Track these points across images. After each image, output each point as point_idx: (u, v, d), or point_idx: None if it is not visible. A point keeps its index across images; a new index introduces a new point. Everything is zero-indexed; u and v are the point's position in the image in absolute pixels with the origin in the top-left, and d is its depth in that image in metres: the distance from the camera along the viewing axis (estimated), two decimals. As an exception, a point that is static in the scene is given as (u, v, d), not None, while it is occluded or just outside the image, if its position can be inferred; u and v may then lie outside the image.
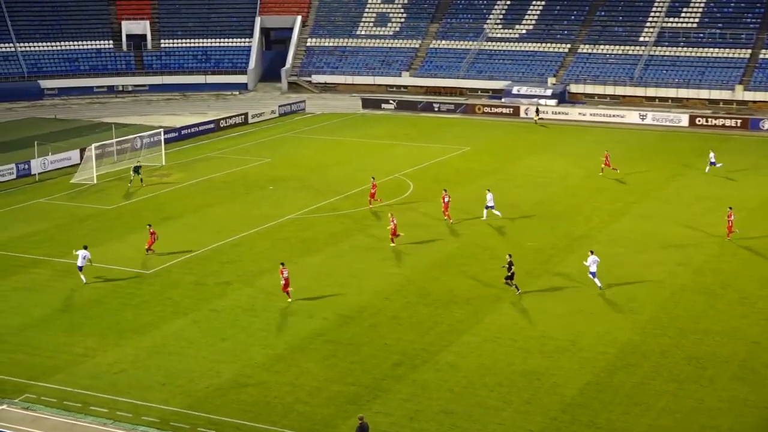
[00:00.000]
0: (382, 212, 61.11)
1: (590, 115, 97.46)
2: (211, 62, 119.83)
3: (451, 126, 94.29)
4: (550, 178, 70.83)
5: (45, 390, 37.11)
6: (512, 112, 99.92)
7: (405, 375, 38.26)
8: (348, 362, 39.48)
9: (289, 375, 38.36)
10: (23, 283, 49.20)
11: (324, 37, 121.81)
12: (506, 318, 43.98)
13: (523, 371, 38.45)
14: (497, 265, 50.90)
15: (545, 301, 45.99)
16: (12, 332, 42.86)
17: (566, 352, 40.18)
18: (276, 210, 62.31)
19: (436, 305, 45.64)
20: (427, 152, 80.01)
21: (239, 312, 45.10)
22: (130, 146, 77.96)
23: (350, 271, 50.65)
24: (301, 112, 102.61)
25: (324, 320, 43.92)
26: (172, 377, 38.19)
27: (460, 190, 67.01)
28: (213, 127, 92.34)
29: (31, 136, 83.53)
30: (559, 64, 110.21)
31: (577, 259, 51.90)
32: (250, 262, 52.27)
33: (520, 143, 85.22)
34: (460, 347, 40.83)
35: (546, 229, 57.78)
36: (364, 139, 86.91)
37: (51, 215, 62.06)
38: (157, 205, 64.29)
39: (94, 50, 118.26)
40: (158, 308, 45.65)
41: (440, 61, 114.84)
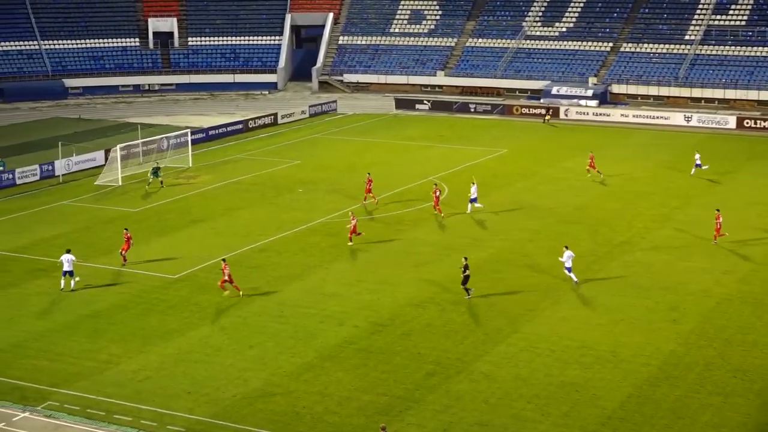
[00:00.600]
0: (426, 216, 61.18)
1: (633, 116, 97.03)
2: (239, 61, 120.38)
3: (488, 127, 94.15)
4: (591, 182, 70.53)
5: (68, 397, 37.39)
6: (551, 113, 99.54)
7: (438, 385, 38.24)
8: (379, 371, 39.52)
9: (318, 384, 38.44)
10: (46, 288, 49.61)
11: (356, 35, 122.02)
12: (544, 327, 43.85)
13: (561, 383, 38.32)
14: (534, 272, 50.83)
15: (585, 310, 45.83)
16: (35, 338, 43.23)
17: (607, 363, 40.01)
18: (305, 214, 62.48)
19: (471, 313, 45.59)
20: (463, 155, 79.93)
21: (267, 319, 45.25)
22: (156, 147, 78.43)
23: (382, 277, 50.69)
24: (332, 113, 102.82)
25: (355, 328, 43.99)
26: (198, 385, 38.38)
27: (496, 193, 66.91)
28: (241, 128, 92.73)
29: (55, 137, 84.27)
30: (600, 63, 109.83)
31: (619, 266, 51.79)
32: (279, 267, 52.43)
33: (560, 145, 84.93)
34: (495, 357, 40.76)
35: (585, 235, 57.57)
36: (397, 141, 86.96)
37: (75, 218, 62.55)
38: (184, 208, 64.65)
39: (120, 48, 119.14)
40: (184, 314, 45.89)
41: (477, 60, 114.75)
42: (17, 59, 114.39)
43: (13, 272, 52.13)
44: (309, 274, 51.18)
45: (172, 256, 54.35)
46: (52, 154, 77.09)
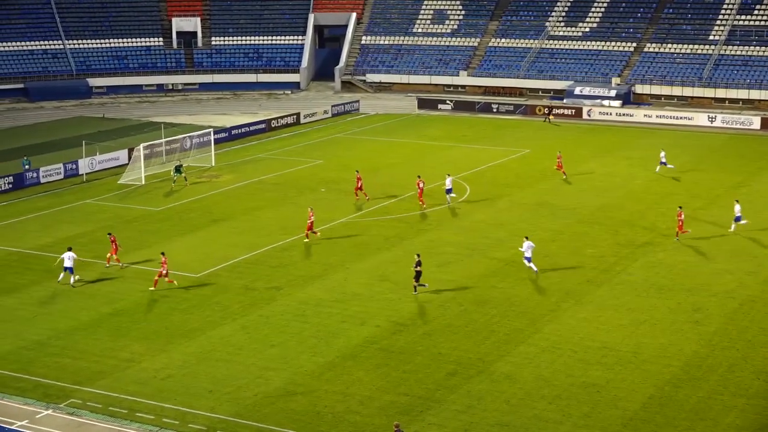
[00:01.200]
0: (448, 216, 61.20)
1: (656, 117, 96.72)
2: (262, 60, 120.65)
3: (511, 128, 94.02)
4: (614, 183, 70.36)
5: (90, 395, 37.58)
6: (574, 113, 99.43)
7: (459, 385, 38.22)
8: (401, 371, 39.52)
9: (339, 384, 38.48)
10: (69, 286, 49.80)
11: (379, 35, 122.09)
12: (566, 328, 43.75)
13: (582, 383, 38.23)
14: (556, 272, 50.71)
15: (607, 311, 45.69)
16: (58, 336, 43.46)
17: (628, 364, 39.89)
18: (328, 213, 62.53)
19: (492, 313, 45.54)
20: (485, 155, 79.83)
21: (289, 318, 45.33)
22: (179, 146, 78.68)
23: (404, 277, 50.63)
24: (354, 113, 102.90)
25: (376, 327, 44.01)
26: (220, 384, 38.49)
27: (518, 194, 66.83)
28: (264, 128, 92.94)
29: (79, 136, 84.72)
30: (623, 63, 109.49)
31: (641, 267, 51.62)
32: (301, 266, 52.51)
33: (583, 146, 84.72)
34: (517, 357, 40.70)
35: (608, 236, 57.41)
36: (419, 141, 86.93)
37: (98, 216, 62.83)
38: (206, 207, 64.84)
39: (144, 48, 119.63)
40: (206, 313, 46.03)
41: (499, 60, 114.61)
42: (42, 59, 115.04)
43: (36, 270, 52.40)
44: (331, 273, 51.24)
45: (194, 255, 54.52)
46: (76, 153, 77.46)
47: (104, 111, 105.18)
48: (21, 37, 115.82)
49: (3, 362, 40.64)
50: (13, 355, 41.34)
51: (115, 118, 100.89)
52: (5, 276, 51.55)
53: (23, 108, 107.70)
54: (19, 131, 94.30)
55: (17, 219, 61.81)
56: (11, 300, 47.96)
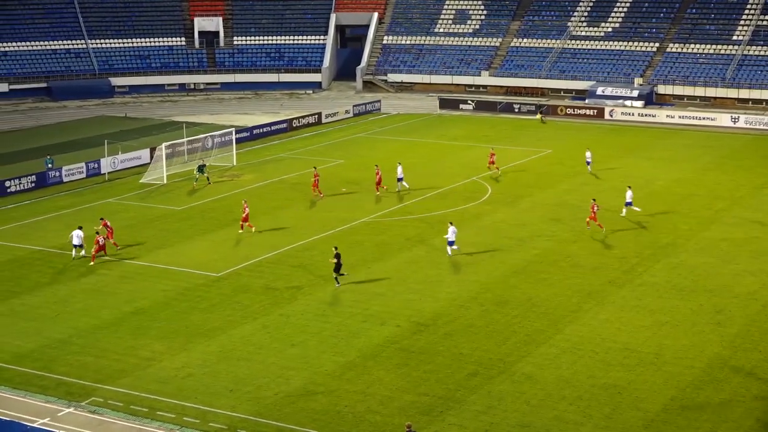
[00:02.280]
0: (469, 216, 61.17)
1: (679, 117, 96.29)
2: (284, 60, 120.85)
3: (533, 128, 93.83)
4: (635, 183, 70.04)
5: (112, 393, 37.73)
6: (596, 113, 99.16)
7: (480, 386, 38.18)
8: (421, 371, 39.52)
9: (360, 383, 38.50)
10: (92, 285, 50.09)
11: (401, 35, 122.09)
12: (587, 328, 43.64)
13: (604, 384, 38.13)
14: (577, 273, 50.61)
15: (628, 312, 45.55)
16: (80, 334, 43.66)
17: (650, 366, 39.76)
18: (349, 213, 62.58)
19: (513, 314, 45.47)
20: (507, 155, 79.67)
21: (310, 317, 45.39)
22: (201, 146, 78.88)
23: (425, 276, 50.68)
24: (376, 112, 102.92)
25: (397, 327, 44.01)
26: (241, 383, 38.58)
27: (540, 195, 66.72)
28: (285, 127, 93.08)
29: (101, 135, 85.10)
30: (646, 63, 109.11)
31: (663, 268, 51.45)
32: (322, 266, 52.53)
33: (605, 146, 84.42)
34: (538, 358, 40.63)
35: (630, 237, 57.22)
36: (440, 141, 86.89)
37: (120, 216, 63.05)
38: (227, 207, 64.99)
39: (166, 47, 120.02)
40: (227, 312, 46.14)
41: (521, 60, 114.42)
42: (65, 58, 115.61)
43: (58, 269, 52.68)
44: (352, 273, 51.23)
45: (215, 254, 54.66)
46: (98, 152, 77.79)
47: (126, 110, 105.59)
48: (44, 36, 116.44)
49: (26, 360, 40.87)
50: (36, 354, 41.57)
51: (137, 117, 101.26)
52: (28, 275, 51.83)
53: (46, 107, 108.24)
54: (42, 130, 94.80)
55: (40, 218, 62.12)
56: (34, 299, 48.21)
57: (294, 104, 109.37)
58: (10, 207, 66.02)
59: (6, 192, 68.85)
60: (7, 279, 51.19)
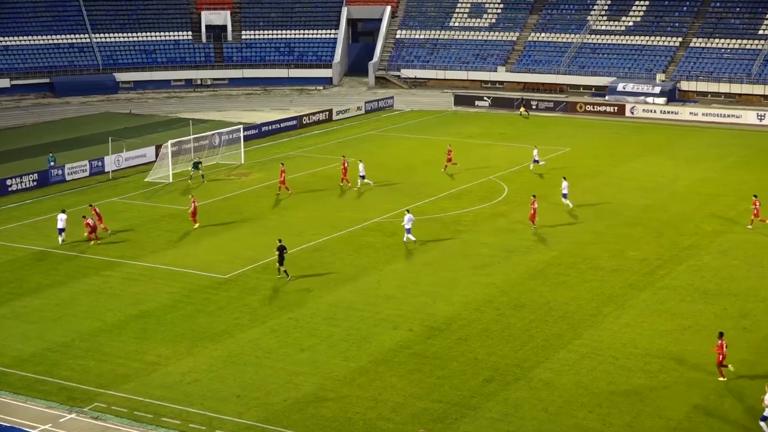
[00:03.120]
0: (485, 217, 61.10)
1: (702, 114, 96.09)
2: (294, 55, 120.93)
3: (551, 125, 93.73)
4: (658, 183, 69.97)
5: (115, 399, 37.79)
6: (617, 111, 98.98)
7: (496, 392, 38.12)
8: (435, 377, 39.48)
9: (371, 389, 38.48)
10: (95, 286, 50.18)
11: (414, 29, 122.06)
12: (607, 333, 43.55)
13: (624, 391, 38.03)
14: (597, 276, 50.51)
15: (650, 316, 45.43)
16: (82, 337, 43.73)
17: (672, 372, 39.65)
18: (360, 213, 62.59)
19: (530, 318, 45.40)
20: (524, 153, 79.54)
21: (320, 321, 45.39)
22: (208, 143, 78.96)
23: (438, 279, 50.64)
24: (388, 109, 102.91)
25: (410, 332, 43.97)
26: (248, 389, 38.59)
27: (558, 194, 66.53)
28: (295, 124, 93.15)
29: (105, 132, 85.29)
30: (669, 59, 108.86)
31: (686, 271, 51.33)
32: (332, 268, 52.55)
33: (626, 144, 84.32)
34: (556, 364, 40.55)
35: (651, 238, 57.11)
36: (455, 139, 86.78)
37: (124, 215, 63.17)
38: (235, 206, 65.05)
39: (172, 42, 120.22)
40: (234, 315, 46.17)
41: (539, 56, 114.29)
42: (68, 52, 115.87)
43: (61, 270, 52.80)
44: (363, 275, 51.26)
45: (222, 255, 54.71)
46: (102, 150, 77.96)
47: (131, 107, 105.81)
48: (47, 30, 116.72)
49: (27, 364, 40.96)
50: (38, 357, 41.66)
51: (142, 114, 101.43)
52: (30, 276, 51.95)
53: (49, 103, 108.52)
54: (44, 127, 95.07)
55: (42, 217, 62.24)
56: (36, 301, 48.32)
57: (304, 101, 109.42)
58: (12, 206, 66.19)
59: (7, 190, 69.03)
60: (8, 280, 51.32)
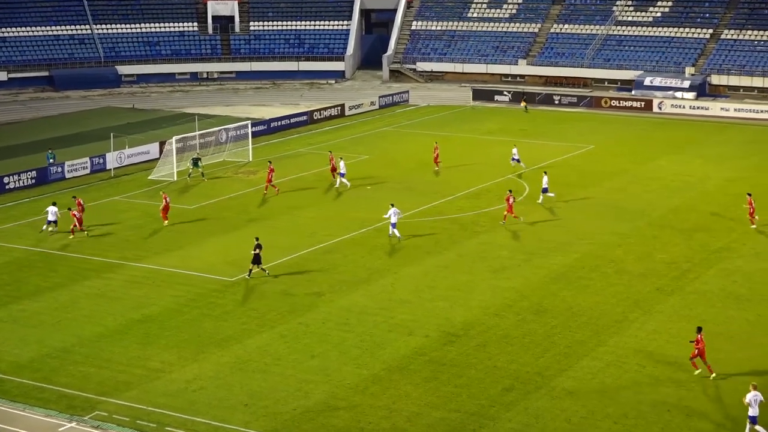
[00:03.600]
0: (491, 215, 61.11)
1: (734, 110, 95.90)
2: (304, 47, 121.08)
3: (574, 121, 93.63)
4: (687, 182, 69.84)
5: (117, 407, 37.85)
6: (644, 106, 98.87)
7: (516, 402, 38.09)
8: (452, 386, 39.47)
9: (385, 398, 38.49)
10: (96, 289, 50.28)
11: (431, 20, 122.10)
12: (633, 340, 43.47)
13: (652, 401, 37.96)
14: (622, 280, 50.43)
15: (678, 322, 45.33)
16: (83, 343, 43.83)
17: (702, 381, 39.54)
18: (374, 213, 62.54)
19: (552, 324, 45.35)
20: (546, 151, 79.51)
21: (331, 326, 45.41)
22: (214, 139, 79.08)
23: (456, 283, 50.62)
24: (403, 104, 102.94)
25: (426, 338, 43.97)
26: (256, 397, 38.63)
27: (582, 194, 66.53)
28: (306, 120, 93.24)
29: (107, 128, 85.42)
30: (698, 51, 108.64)
31: (717, 275, 51.19)
32: (344, 270, 52.58)
33: (653, 142, 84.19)
34: (579, 372, 40.50)
35: (680, 240, 57.00)
36: (474, 135, 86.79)
37: (126, 215, 63.31)
38: (242, 206, 65.15)
39: (177, 33, 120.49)
40: (242, 320, 46.22)
41: (562, 48, 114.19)
42: (68, 44, 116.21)
43: (60, 272, 52.93)
44: (377, 278, 51.28)
45: (229, 257, 54.77)
46: (104, 146, 78.15)
47: (134, 101, 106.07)
48: (46, 21, 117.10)
49: (25, 371, 41.05)
50: (36, 364, 41.75)
51: (146, 108, 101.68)
52: (28, 278, 52.10)
53: (48, 97, 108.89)
54: (43, 122, 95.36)
55: (41, 217, 62.36)
56: (34, 304, 48.44)
57: (315, 95, 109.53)
58: (9, 205, 66.42)
59: (4, 189, 69.28)
60: (6, 282, 51.46)
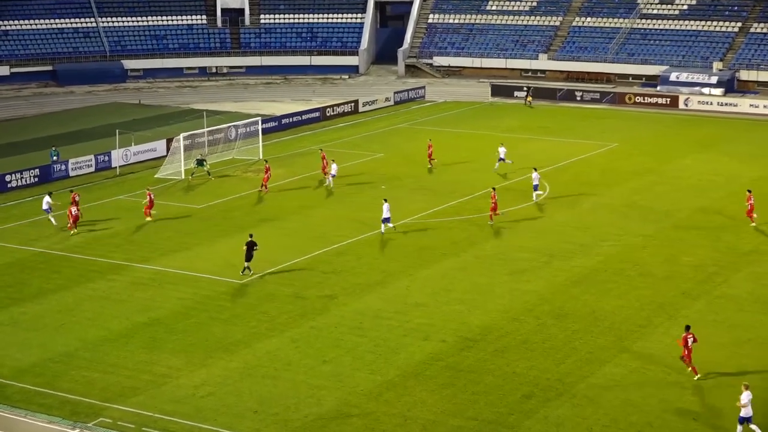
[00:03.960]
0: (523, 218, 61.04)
1: (764, 107, 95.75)
2: (317, 41, 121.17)
3: (597, 118, 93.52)
4: (714, 182, 69.69)
5: (122, 414, 37.90)
6: (669, 102, 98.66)
7: (536, 409, 38.04)
8: (469, 393, 39.45)
9: (400, 405, 38.47)
10: (100, 292, 50.38)
11: (448, 13, 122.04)
12: (658, 346, 43.38)
13: (677, 410, 37.87)
14: (647, 283, 50.33)
15: (705, 328, 45.17)
16: (87, 347, 43.91)
17: (729, 388, 39.41)
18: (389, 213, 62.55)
19: (574, 328, 45.29)
20: (567, 149, 79.43)
21: (344, 331, 45.42)
22: (223, 137, 79.18)
23: (473, 285, 50.59)
24: (419, 100, 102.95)
25: (442, 343, 43.95)
26: (266, 404, 38.65)
27: (605, 193, 66.43)
28: (318, 116, 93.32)
29: (113, 124, 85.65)
30: (726, 46, 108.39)
31: (745, 278, 51.06)
32: (358, 273, 52.59)
33: (678, 139, 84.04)
34: (601, 379, 40.43)
35: (707, 242, 56.86)
36: (492, 132, 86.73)
37: (132, 214, 63.40)
38: (252, 205, 65.22)
39: (185, 26, 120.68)
40: (251, 324, 46.26)
41: (584, 42, 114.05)
42: (72, 38, 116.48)
43: (64, 274, 53.05)
44: (391, 281, 51.28)
45: (237, 258, 54.79)
46: (109, 144, 78.29)
47: (140, 97, 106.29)
48: (49, 13, 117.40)
49: (27, 376, 41.15)
50: (39, 368, 41.84)
51: (153, 104, 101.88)
52: (30, 280, 52.23)
53: (51, 93, 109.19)
54: (46, 119, 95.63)
55: (43, 216, 62.51)
56: (36, 307, 48.56)
57: (328, 91, 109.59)
58: (11, 204, 66.61)
59: (6, 187, 69.48)
60: (7, 284, 51.60)
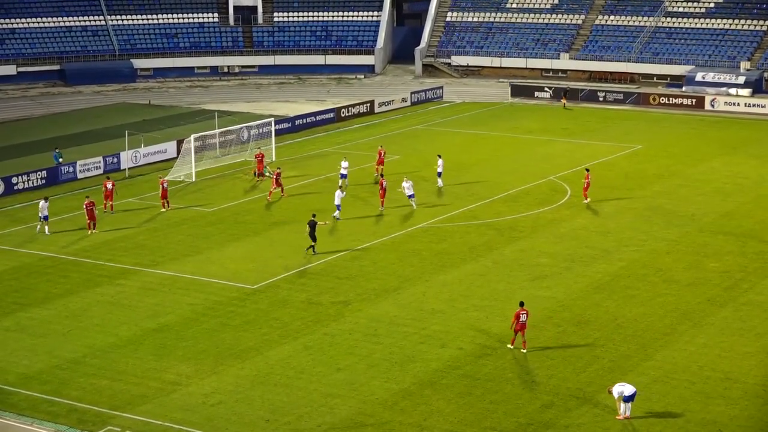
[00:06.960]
0: (544, 222, 61.01)
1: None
2: (332, 40, 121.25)
3: (620, 119, 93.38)
4: (741, 185, 69.54)
5: (130, 422, 38.02)
6: (695, 103, 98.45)
7: (555, 419, 38.05)
8: (487, 402, 39.46)
9: (416, 415, 38.51)
10: (109, 297, 50.53)
11: (467, 11, 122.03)
12: (682, 355, 43.33)
13: (702, 420, 37.83)
14: (671, 290, 50.27)
15: (732, 336, 45.15)
16: (95, 353, 44.05)
17: (756, 399, 39.39)
18: (404, 217, 62.62)
19: (595, 336, 45.26)
20: (590, 151, 79.35)
21: (358, 337, 45.48)
22: (235, 138, 79.25)
23: (492, 292, 50.60)
24: (437, 101, 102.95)
25: (459, 350, 43.98)
26: (278, 412, 38.73)
27: (628, 197, 66.34)
28: (333, 117, 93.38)
29: (122, 125, 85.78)
30: (755, 45, 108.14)
31: (772, 284, 51.01)
32: (373, 278, 52.64)
33: (704, 141, 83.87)
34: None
35: (733, 248, 56.75)
36: (512, 134, 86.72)
37: (141, 218, 63.57)
38: (264, 209, 65.28)
39: (196, 25, 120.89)
40: (263, 330, 46.35)
41: (607, 41, 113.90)
42: (81, 36, 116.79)
43: (72, 278, 53.21)
44: (407, 286, 51.30)
45: (250, 263, 54.95)
46: (118, 145, 78.47)
47: (150, 97, 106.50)
48: (57, 11, 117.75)
49: (34, 383, 41.31)
50: (46, 375, 42.00)
51: (163, 105, 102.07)
52: (37, 284, 52.41)
53: (59, 92, 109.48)
54: (54, 119, 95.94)
55: (51, 219, 62.73)
56: (44, 312, 48.73)
57: (343, 91, 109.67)
58: (18, 207, 66.81)
59: (13, 189, 69.68)
60: (14, 289, 51.80)
